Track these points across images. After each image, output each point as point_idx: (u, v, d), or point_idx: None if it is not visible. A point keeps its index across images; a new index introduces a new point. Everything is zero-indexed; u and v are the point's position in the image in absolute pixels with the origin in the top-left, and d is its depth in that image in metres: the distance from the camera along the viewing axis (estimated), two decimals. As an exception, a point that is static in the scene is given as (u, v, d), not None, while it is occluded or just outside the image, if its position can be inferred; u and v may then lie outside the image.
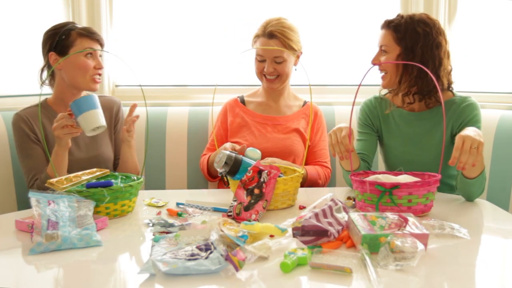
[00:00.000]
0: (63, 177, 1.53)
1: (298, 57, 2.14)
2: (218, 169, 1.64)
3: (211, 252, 1.11)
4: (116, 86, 2.58)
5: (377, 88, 1.92)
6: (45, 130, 1.87)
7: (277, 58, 2.05)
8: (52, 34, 1.86)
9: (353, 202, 1.59)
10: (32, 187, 1.79)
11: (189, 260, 1.09)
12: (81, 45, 1.84)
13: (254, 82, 2.25)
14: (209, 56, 2.61)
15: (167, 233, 1.30)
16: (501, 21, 2.40)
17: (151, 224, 1.41)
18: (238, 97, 2.23)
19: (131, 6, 2.59)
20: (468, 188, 1.67)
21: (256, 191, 1.51)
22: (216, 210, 1.57)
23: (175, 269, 1.06)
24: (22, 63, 2.27)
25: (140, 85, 1.80)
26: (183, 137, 2.32)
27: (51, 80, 1.93)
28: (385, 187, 1.43)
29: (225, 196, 1.73)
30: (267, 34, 2.04)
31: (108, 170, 1.65)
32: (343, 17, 2.63)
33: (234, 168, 1.61)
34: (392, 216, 1.26)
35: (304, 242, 1.21)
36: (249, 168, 1.57)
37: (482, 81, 2.45)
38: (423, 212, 1.48)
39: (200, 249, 1.13)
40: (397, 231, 1.19)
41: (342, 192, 1.83)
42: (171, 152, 2.32)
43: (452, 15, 2.51)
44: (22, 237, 1.35)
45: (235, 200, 1.52)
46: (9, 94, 2.24)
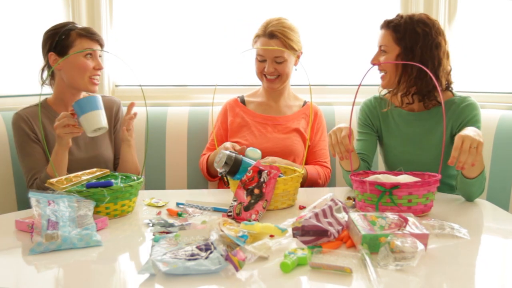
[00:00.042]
0: (63, 177, 1.53)
1: (299, 57, 2.14)
2: (218, 169, 1.64)
3: (211, 252, 1.11)
4: (116, 86, 2.58)
5: (377, 88, 1.93)
6: (45, 130, 1.87)
7: (278, 58, 2.05)
8: (52, 34, 1.86)
9: (353, 202, 1.59)
10: (32, 187, 1.79)
11: (189, 260, 1.08)
12: (81, 46, 1.84)
13: (254, 82, 2.25)
14: (209, 56, 2.61)
15: (167, 233, 1.30)
16: (501, 21, 2.40)
17: (151, 224, 1.41)
18: (238, 97, 2.23)
19: (131, 6, 2.59)
20: (468, 188, 1.67)
21: (256, 191, 1.51)
22: (216, 210, 1.57)
23: (175, 269, 1.06)
24: (22, 63, 2.27)
25: (140, 85, 1.80)
26: (183, 137, 2.32)
27: (51, 80, 1.93)
28: (385, 187, 1.43)
29: (225, 196, 1.72)
30: (268, 34, 2.04)
31: (108, 170, 1.65)
32: (343, 17, 2.64)
33: (234, 168, 1.61)
34: (392, 216, 1.26)
35: (304, 242, 1.21)
36: (249, 168, 1.57)
37: (482, 81, 2.45)
38: (423, 212, 1.48)
39: (200, 249, 1.13)
40: (397, 231, 1.19)
41: (342, 192, 1.83)
42: (171, 152, 2.32)
43: (452, 15, 2.51)
44: (22, 237, 1.35)
45: (235, 200, 1.52)
46: (9, 94, 2.24)
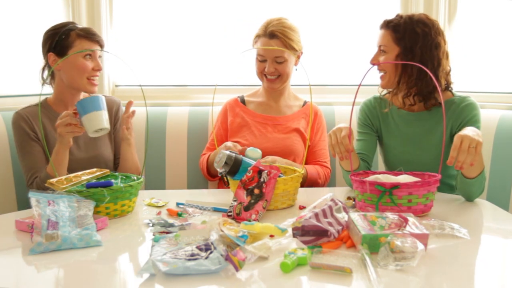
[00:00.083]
0: (63, 177, 1.53)
1: (299, 57, 2.14)
2: (218, 169, 1.64)
3: (211, 252, 1.11)
4: (116, 86, 2.58)
5: (377, 88, 1.92)
6: (45, 130, 1.87)
7: (278, 58, 2.05)
8: (52, 35, 1.86)
9: (353, 202, 1.59)
10: (32, 186, 1.79)
11: (189, 260, 1.09)
12: (80, 46, 1.83)
13: (254, 82, 2.25)
14: (209, 56, 2.61)
15: (167, 233, 1.30)
16: (501, 21, 2.40)
17: (151, 224, 1.41)
18: (238, 97, 2.23)
19: (131, 6, 2.59)
20: (468, 188, 1.67)
21: (256, 191, 1.51)
22: (216, 210, 1.57)
23: (175, 269, 1.06)
24: (22, 63, 2.27)
25: (140, 85, 1.80)
26: (183, 137, 2.32)
27: (51, 80, 1.93)
28: (385, 187, 1.43)
29: (225, 196, 1.72)
30: (268, 34, 2.04)
31: (108, 170, 1.65)
32: (343, 17, 2.64)
33: (234, 168, 1.61)
34: (392, 216, 1.26)
35: (304, 242, 1.21)
36: (249, 168, 1.57)
37: (482, 81, 2.45)
38: (423, 212, 1.48)
39: (200, 249, 1.13)
40: (397, 231, 1.19)
41: (342, 192, 1.83)
42: (171, 152, 2.32)
43: (452, 15, 2.51)
44: (22, 237, 1.35)
45: (235, 200, 1.52)
46: (9, 94, 2.24)
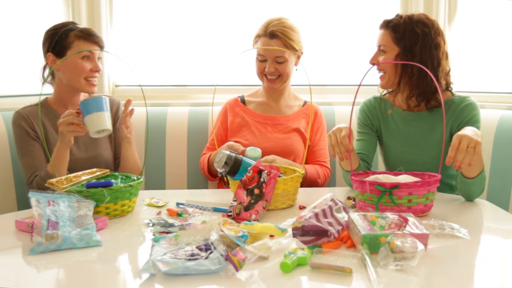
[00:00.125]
0: (63, 177, 1.53)
1: (299, 57, 2.14)
2: (218, 169, 1.64)
3: (211, 252, 1.11)
4: (116, 86, 2.58)
5: (377, 88, 1.92)
6: (45, 129, 1.87)
7: (278, 58, 2.05)
8: (51, 35, 1.86)
9: (353, 202, 1.59)
10: (31, 184, 1.79)
11: (189, 260, 1.09)
12: (78, 48, 1.83)
13: (254, 82, 2.25)
14: (209, 56, 2.61)
15: (167, 233, 1.30)
16: (501, 21, 2.40)
17: (151, 224, 1.41)
18: (239, 97, 2.23)
19: (131, 6, 2.59)
20: (468, 188, 1.67)
21: (256, 191, 1.51)
22: (216, 210, 1.57)
23: (175, 269, 1.06)
24: (22, 63, 2.27)
25: (140, 85, 1.80)
26: (183, 137, 2.32)
27: (52, 80, 1.93)
28: (385, 187, 1.43)
29: (225, 196, 1.72)
30: (269, 34, 2.04)
31: (108, 170, 1.65)
32: (343, 17, 2.64)
33: (234, 168, 1.61)
34: (392, 216, 1.26)
35: (304, 242, 1.21)
36: (249, 168, 1.57)
37: (482, 81, 2.45)
38: (423, 212, 1.48)
39: (200, 249, 1.13)
40: (397, 231, 1.19)
41: (342, 192, 1.83)
42: (171, 152, 2.32)
43: (452, 15, 2.51)
44: (22, 237, 1.35)
45: (235, 200, 1.52)
46: (9, 94, 2.24)
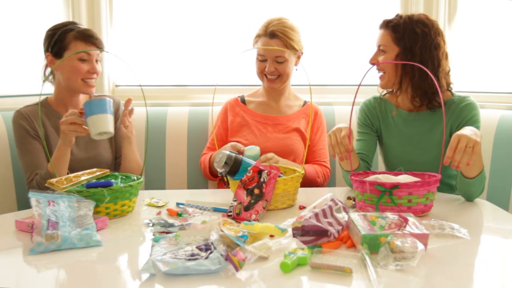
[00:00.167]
0: (63, 177, 1.53)
1: (299, 57, 2.14)
2: (218, 169, 1.64)
3: (211, 252, 1.11)
4: (116, 86, 2.58)
5: (377, 88, 1.92)
6: (45, 129, 1.87)
7: (278, 58, 2.05)
8: (50, 35, 1.86)
9: (353, 202, 1.59)
10: (31, 183, 1.79)
11: (189, 260, 1.08)
12: (75, 49, 1.83)
13: (254, 82, 2.25)
14: (209, 56, 2.61)
15: (167, 233, 1.30)
16: (501, 22, 2.40)
17: (151, 224, 1.41)
18: (239, 97, 2.23)
19: (131, 6, 2.59)
20: (468, 188, 1.67)
21: (256, 191, 1.51)
22: (216, 210, 1.57)
23: (175, 269, 1.06)
24: (22, 63, 2.27)
25: (140, 85, 1.80)
26: (183, 137, 2.32)
27: (53, 78, 1.93)
28: (385, 187, 1.43)
29: (225, 196, 1.72)
30: (269, 34, 2.04)
31: (108, 170, 1.64)
32: (343, 17, 2.64)
33: (234, 168, 1.61)
34: (392, 216, 1.26)
35: (304, 242, 1.21)
36: (249, 168, 1.57)
37: (482, 81, 2.45)
38: (423, 212, 1.48)
39: (200, 249, 1.13)
40: (397, 231, 1.19)
41: (342, 192, 1.83)
42: (171, 152, 2.32)
43: (452, 16, 2.51)
44: (22, 237, 1.35)
45: (235, 200, 1.52)
46: (9, 94, 2.24)
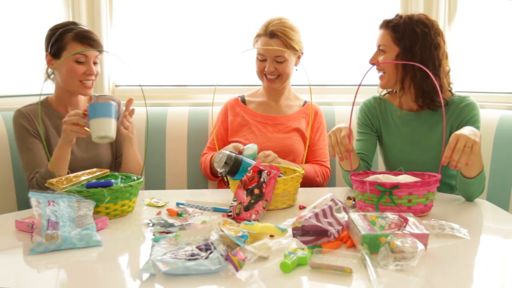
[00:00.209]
0: (63, 177, 1.53)
1: (299, 57, 2.14)
2: (218, 169, 1.64)
3: (211, 252, 1.11)
4: (116, 86, 2.58)
5: (376, 88, 1.92)
6: (46, 128, 1.87)
7: (278, 58, 2.05)
8: (49, 35, 1.87)
9: (353, 202, 1.59)
10: (31, 182, 1.78)
11: (189, 260, 1.08)
12: (72, 50, 1.82)
13: (254, 82, 2.25)
14: (209, 56, 2.61)
15: (167, 233, 1.30)
16: (501, 22, 2.40)
17: (151, 224, 1.41)
18: (239, 97, 2.23)
19: (131, 6, 2.59)
20: (468, 188, 1.67)
21: (256, 191, 1.51)
22: (216, 210, 1.57)
23: (175, 269, 1.06)
24: (22, 63, 2.27)
25: (140, 85, 1.80)
26: (183, 137, 2.33)
27: (54, 78, 1.93)
28: (385, 187, 1.43)
29: (225, 196, 1.72)
30: (269, 34, 2.04)
31: (108, 170, 1.64)
32: (343, 17, 2.64)
33: (234, 168, 1.62)
34: (392, 216, 1.26)
35: (304, 242, 1.21)
36: (249, 168, 1.57)
37: (482, 81, 2.46)
38: (423, 212, 1.48)
39: (200, 249, 1.13)
40: (397, 231, 1.19)
41: (342, 192, 1.83)
42: (171, 152, 2.32)
43: (452, 16, 2.51)
44: (22, 237, 1.35)
45: (235, 200, 1.52)
46: (9, 94, 2.24)
